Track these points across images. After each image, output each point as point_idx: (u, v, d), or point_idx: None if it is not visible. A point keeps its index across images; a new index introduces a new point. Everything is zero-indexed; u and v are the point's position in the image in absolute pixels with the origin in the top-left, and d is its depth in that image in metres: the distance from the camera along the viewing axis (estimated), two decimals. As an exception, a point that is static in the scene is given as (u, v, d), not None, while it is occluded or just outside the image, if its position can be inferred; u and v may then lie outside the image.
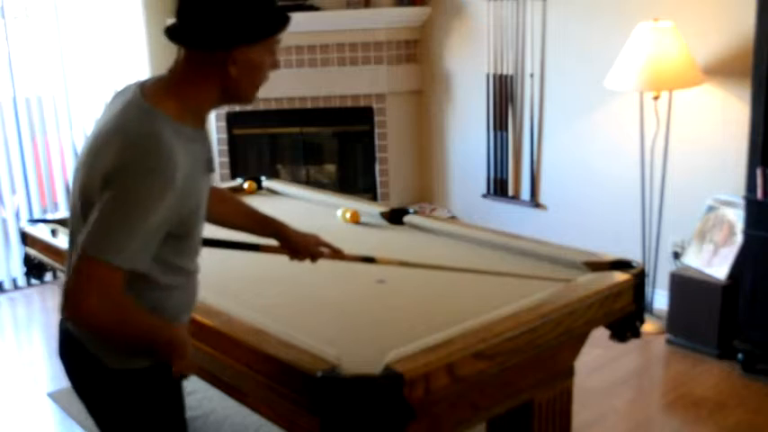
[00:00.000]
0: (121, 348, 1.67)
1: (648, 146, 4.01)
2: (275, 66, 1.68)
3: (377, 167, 5.43)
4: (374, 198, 5.42)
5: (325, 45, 5.18)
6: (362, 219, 3.07)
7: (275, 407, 2.03)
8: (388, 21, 5.16)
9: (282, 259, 2.72)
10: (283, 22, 1.64)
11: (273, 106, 5.32)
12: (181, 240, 1.65)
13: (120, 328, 1.56)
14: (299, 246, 2.15)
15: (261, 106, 5.31)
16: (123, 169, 1.50)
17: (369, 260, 2.25)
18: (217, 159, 5.42)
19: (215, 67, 1.60)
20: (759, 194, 3.30)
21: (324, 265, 2.62)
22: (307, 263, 2.19)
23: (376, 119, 5.33)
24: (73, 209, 1.68)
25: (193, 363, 1.77)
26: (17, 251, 4.84)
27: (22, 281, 4.93)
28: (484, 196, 5.08)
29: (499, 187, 4.98)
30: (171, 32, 1.62)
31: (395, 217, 3.06)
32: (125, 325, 1.57)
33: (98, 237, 1.49)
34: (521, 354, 2.01)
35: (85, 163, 1.62)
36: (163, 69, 1.72)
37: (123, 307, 1.54)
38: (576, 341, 2.28)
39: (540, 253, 2.58)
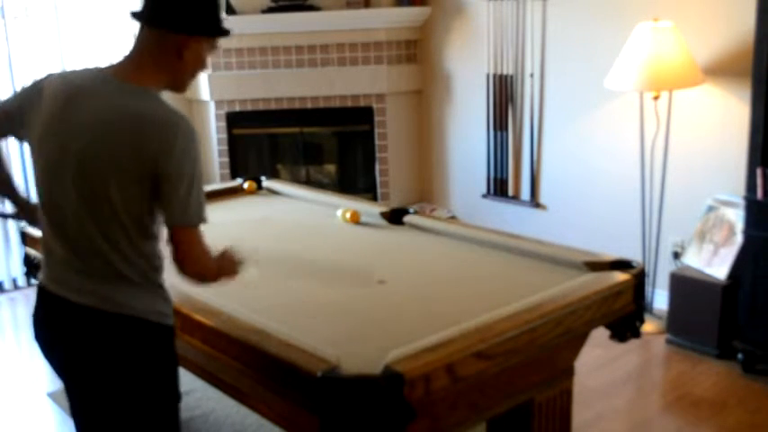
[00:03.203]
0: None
1: (648, 146, 4.01)
2: (205, 66, 1.92)
3: (377, 167, 5.43)
4: (374, 198, 5.42)
5: (325, 45, 5.18)
6: (362, 219, 3.07)
7: (275, 407, 2.03)
8: (388, 21, 5.16)
9: (282, 259, 2.73)
10: (227, 32, 1.92)
11: (273, 106, 5.32)
12: None
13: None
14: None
15: (261, 106, 5.32)
16: (183, 151, 1.75)
17: None
18: (217, 159, 5.43)
19: (172, 51, 1.82)
20: (759, 194, 3.30)
21: (324, 265, 2.64)
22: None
23: (376, 119, 5.33)
24: (81, 192, 1.78)
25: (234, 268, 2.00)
26: (17, 251, 4.84)
27: (22, 281, 4.93)
28: (484, 196, 5.08)
29: (499, 187, 4.98)
30: (143, 15, 1.83)
31: (395, 217, 3.06)
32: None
33: (194, 210, 1.79)
34: (521, 354, 2.01)
35: (102, 152, 1.75)
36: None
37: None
38: (576, 341, 2.28)
39: (540, 253, 2.58)
